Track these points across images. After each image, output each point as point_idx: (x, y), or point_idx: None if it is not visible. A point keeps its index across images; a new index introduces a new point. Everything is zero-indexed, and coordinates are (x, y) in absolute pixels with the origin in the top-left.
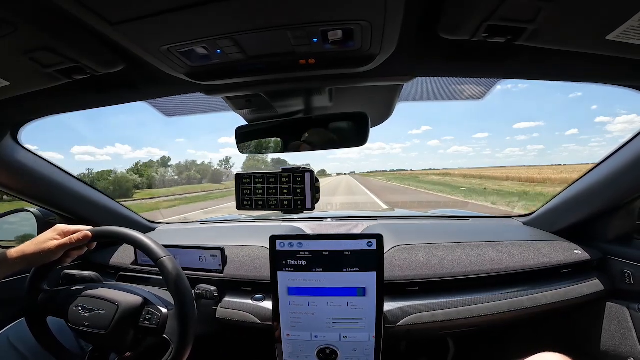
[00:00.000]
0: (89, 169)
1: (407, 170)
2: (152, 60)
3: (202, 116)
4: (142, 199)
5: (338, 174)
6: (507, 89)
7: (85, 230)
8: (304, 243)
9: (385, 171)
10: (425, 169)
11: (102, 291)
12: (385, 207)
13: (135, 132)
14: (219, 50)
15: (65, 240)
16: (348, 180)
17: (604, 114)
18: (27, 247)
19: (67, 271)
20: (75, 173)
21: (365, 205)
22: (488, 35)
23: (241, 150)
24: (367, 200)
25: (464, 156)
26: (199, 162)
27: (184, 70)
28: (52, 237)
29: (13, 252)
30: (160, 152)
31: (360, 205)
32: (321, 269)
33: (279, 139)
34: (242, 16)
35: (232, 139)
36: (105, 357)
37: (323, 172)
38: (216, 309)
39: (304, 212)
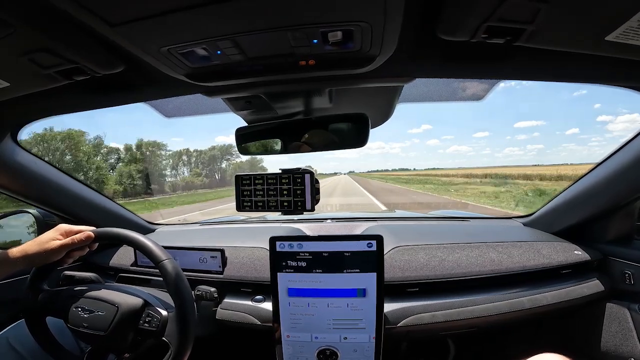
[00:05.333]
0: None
1: (410, 170)
2: (152, 62)
3: (201, 116)
4: None
5: (335, 174)
6: (509, 87)
7: (87, 230)
8: (303, 244)
9: (387, 170)
10: (428, 168)
11: (102, 292)
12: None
13: (133, 131)
14: (219, 52)
15: (68, 240)
16: (346, 183)
17: (606, 112)
18: (30, 246)
19: (67, 272)
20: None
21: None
22: (487, 36)
23: (241, 151)
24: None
25: (462, 156)
26: None
27: (183, 72)
28: (54, 237)
29: (15, 251)
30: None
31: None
32: (321, 270)
33: (279, 140)
34: (242, 17)
35: (229, 138)
36: (104, 358)
37: None
38: (216, 310)
39: (304, 213)
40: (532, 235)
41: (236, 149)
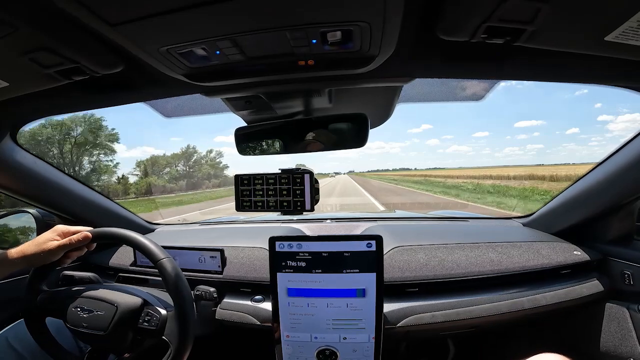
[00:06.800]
0: None
1: (410, 170)
2: (152, 61)
3: (200, 116)
4: None
5: (328, 175)
6: (509, 86)
7: (85, 231)
8: (303, 244)
9: (388, 170)
10: (428, 168)
11: (101, 292)
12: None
13: (130, 131)
14: (218, 51)
15: (65, 241)
16: (345, 184)
17: (607, 112)
18: (27, 247)
19: (66, 272)
20: None
21: None
22: (487, 37)
23: (241, 152)
24: None
25: (462, 155)
26: None
27: (183, 72)
28: (52, 238)
29: (13, 252)
30: (155, 151)
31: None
32: (321, 270)
33: (278, 140)
34: (242, 17)
35: (228, 138)
36: (104, 358)
37: None
38: (215, 310)
39: (303, 213)
40: (532, 235)
41: (109, 130)
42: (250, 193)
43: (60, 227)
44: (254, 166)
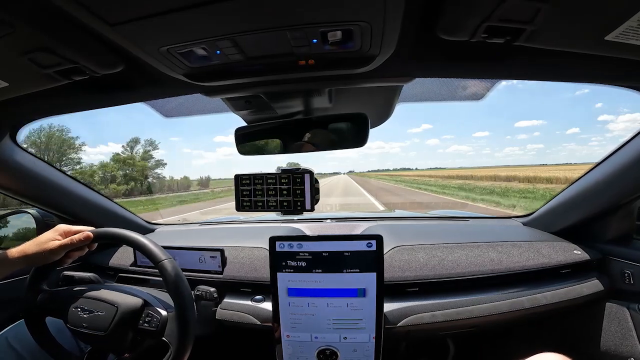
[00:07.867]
0: None
1: (412, 170)
2: (152, 61)
3: (200, 116)
4: None
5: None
6: (510, 85)
7: (86, 231)
8: (303, 244)
9: (388, 170)
10: (430, 168)
11: (101, 292)
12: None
13: (130, 131)
14: (218, 51)
15: (67, 240)
16: (346, 184)
17: (607, 112)
18: (29, 246)
19: (66, 272)
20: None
21: None
22: (487, 36)
23: (241, 151)
24: None
25: (462, 155)
26: None
27: (183, 71)
28: (53, 237)
29: (14, 251)
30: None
31: None
32: (321, 270)
33: (278, 140)
34: (242, 17)
35: (228, 138)
36: (104, 358)
37: None
38: (216, 310)
39: (304, 213)
40: (532, 234)
41: None
42: (251, 193)
43: (62, 227)
44: (248, 166)
